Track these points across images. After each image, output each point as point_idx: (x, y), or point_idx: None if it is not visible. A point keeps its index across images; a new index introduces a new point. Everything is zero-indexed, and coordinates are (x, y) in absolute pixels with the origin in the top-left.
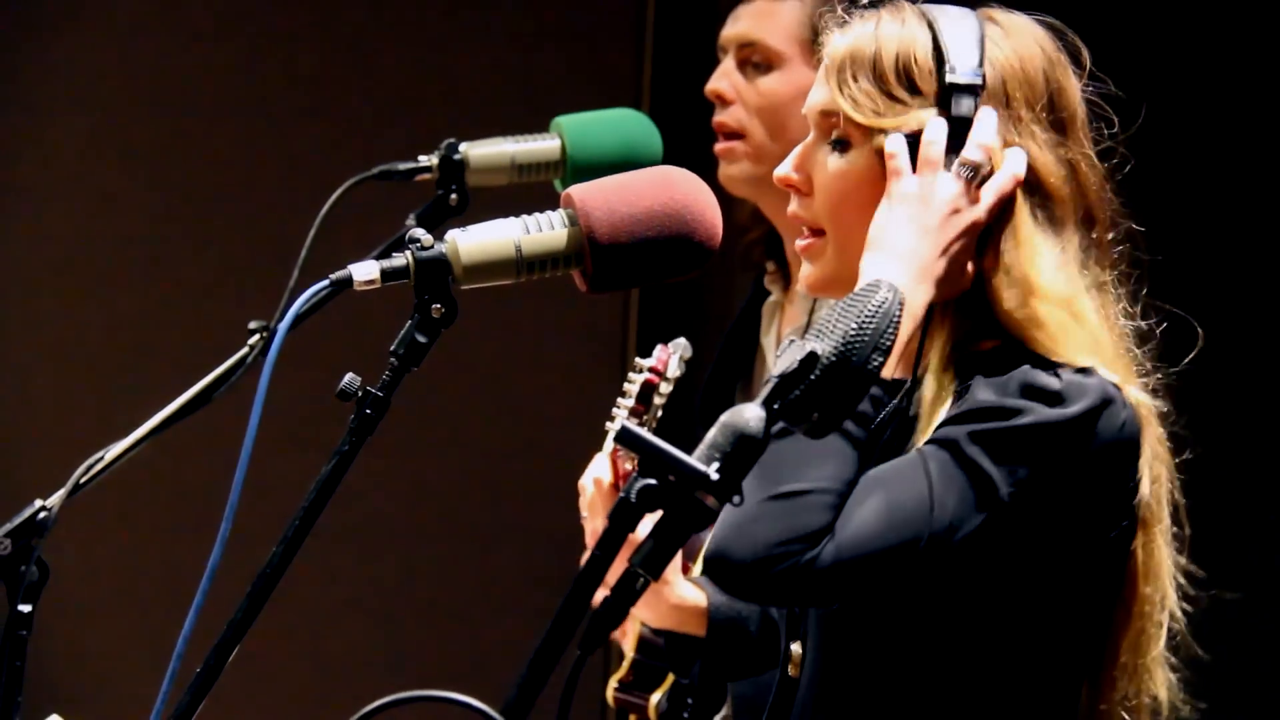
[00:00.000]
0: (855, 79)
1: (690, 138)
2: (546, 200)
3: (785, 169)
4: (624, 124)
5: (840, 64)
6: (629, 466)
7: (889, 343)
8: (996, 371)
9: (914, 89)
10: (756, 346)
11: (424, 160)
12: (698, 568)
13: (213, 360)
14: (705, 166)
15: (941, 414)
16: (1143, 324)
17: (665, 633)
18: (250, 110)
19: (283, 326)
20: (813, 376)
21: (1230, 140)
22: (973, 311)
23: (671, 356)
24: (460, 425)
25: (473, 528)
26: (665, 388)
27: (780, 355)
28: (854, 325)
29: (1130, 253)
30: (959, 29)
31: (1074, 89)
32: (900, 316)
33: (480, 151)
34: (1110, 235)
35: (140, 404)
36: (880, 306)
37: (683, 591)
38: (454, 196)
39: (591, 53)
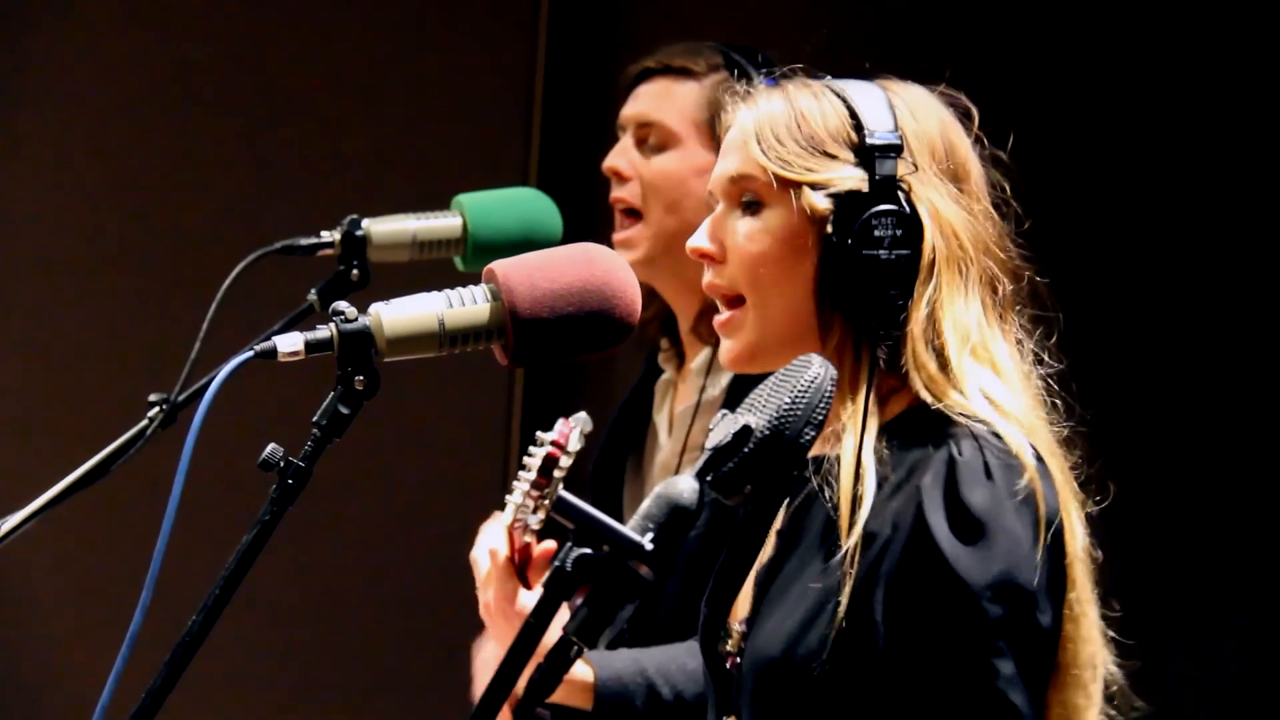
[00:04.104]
0: (780, 141)
1: (577, 217)
2: (448, 278)
3: (699, 240)
4: (524, 202)
5: (757, 131)
6: (527, 540)
7: (821, 417)
8: (913, 440)
9: (840, 148)
10: (648, 423)
11: (326, 236)
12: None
13: (102, 433)
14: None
15: (868, 491)
16: (1056, 368)
17: (551, 705)
18: (140, 187)
19: (209, 394)
20: (746, 450)
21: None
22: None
23: (573, 431)
24: (345, 502)
25: (356, 604)
26: (565, 461)
27: (714, 428)
28: (787, 400)
29: (1037, 298)
30: (867, 96)
31: (967, 149)
32: (832, 392)
33: (382, 228)
34: (1012, 287)
35: (26, 476)
36: (813, 382)
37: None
38: (355, 272)
39: (480, 132)
